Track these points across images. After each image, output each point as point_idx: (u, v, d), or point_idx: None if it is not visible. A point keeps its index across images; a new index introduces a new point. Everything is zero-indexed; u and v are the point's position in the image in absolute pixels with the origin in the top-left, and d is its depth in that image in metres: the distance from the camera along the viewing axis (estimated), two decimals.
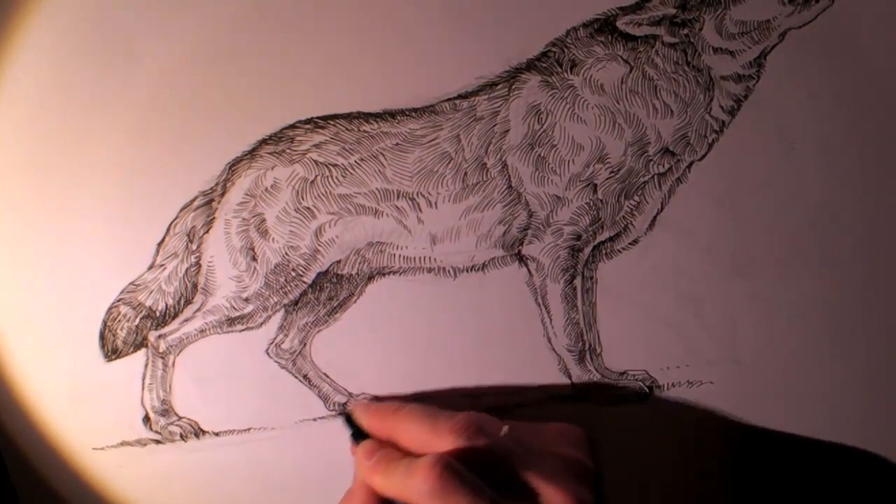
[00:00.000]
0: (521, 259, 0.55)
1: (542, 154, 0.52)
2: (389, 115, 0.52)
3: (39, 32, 0.51)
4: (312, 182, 0.54)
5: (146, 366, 0.58)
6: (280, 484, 0.61)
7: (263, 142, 0.53)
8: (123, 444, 0.60)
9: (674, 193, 0.53)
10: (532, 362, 0.58)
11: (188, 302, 0.57)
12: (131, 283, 0.57)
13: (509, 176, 0.53)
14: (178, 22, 0.51)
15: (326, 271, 0.56)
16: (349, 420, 0.55)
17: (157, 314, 0.58)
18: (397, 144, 0.53)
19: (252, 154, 0.54)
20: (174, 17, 0.51)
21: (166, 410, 0.59)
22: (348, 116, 0.53)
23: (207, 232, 0.55)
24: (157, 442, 0.60)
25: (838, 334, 0.56)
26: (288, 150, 0.53)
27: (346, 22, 0.50)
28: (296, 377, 0.59)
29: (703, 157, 0.53)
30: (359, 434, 0.54)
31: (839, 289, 0.55)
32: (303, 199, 0.54)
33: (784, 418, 0.57)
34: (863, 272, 0.54)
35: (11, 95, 0.52)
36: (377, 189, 0.54)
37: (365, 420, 0.54)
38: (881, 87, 0.51)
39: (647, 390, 0.58)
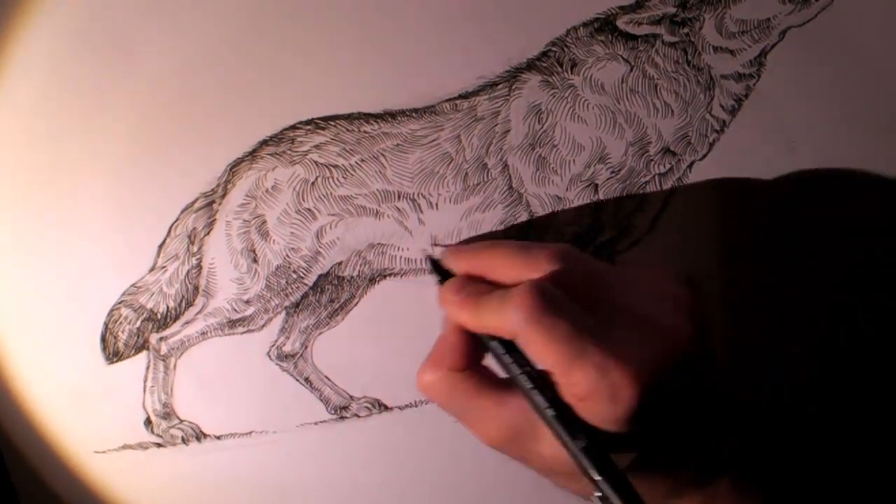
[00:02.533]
0: None
1: (542, 154, 0.52)
2: (390, 116, 0.52)
3: (39, 33, 0.51)
4: (313, 183, 0.54)
5: (147, 368, 0.58)
6: (282, 487, 0.61)
7: (264, 143, 0.53)
8: (125, 447, 0.60)
9: (674, 193, 0.53)
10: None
11: (189, 304, 0.57)
12: (132, 286, 0.57)
13: (510, 176, 0.53)
14: (179, 23, 0.51)
15: (328, 273, 0.56)
16: (436, 266, 0.50)
17: (159, 316, 0.58)
18: (398, 145, 0.53)
19: (253, 155, 0.54)
20: (175, 18, 0.51)
21: (168, 413, 0.59)
22: (349, 117, 0.53)
23: (208, 234, 0.55)
24: (159, 445, 0.60)
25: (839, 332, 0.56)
26: (288, 152, 0.53)
27: (347, 22, 0.51)
28: (297, 380, 0.59)
29: (704, 156, 0.53)
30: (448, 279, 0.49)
31: (840, 286, 0.55)
32: (303, 200, 0.54)
33: (784, 418, 0.57)
34: (863, 270, 0.54)
35: (11, 96, 0.52)
36: (378, 190, 0.54)
37: (454, 262, 0.49)
38: (881, 85, 0.51)
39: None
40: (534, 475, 0.60)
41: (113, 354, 0.58)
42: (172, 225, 0.55)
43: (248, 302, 0.57)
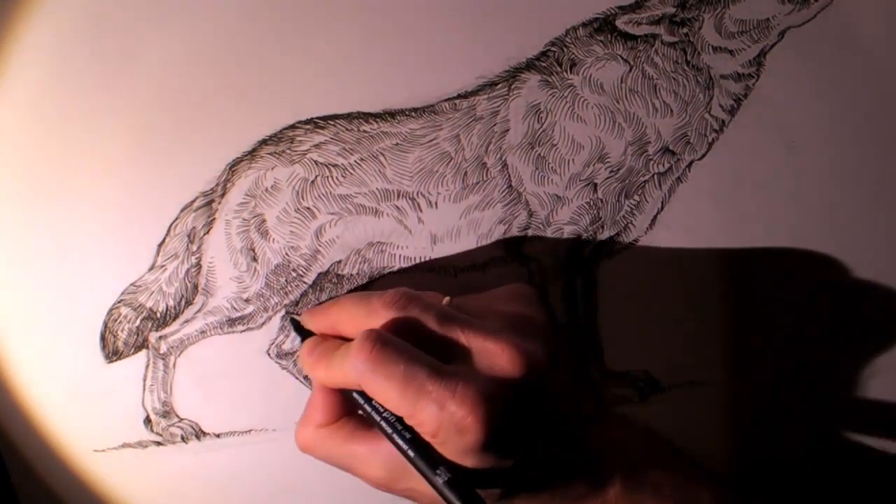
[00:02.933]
0: (522, 259, 0.55)
1: (541, 153, 0.52)
2: (389, 115, 0.52)
3: (39, 32, 0.51)
4: (312, 182, 0.54)
5: (147, 367, 0.58)
6: (281, 485, 0.61)
7: (263, 142, 0.53)
8: (124, 445, 0.60)
9: (674, 193, 0.54)
10: None
11: (189, 303, 0.57)
12: (132, 285, 0.57)
13: (509, 175, 0.53)
14: (178, 22, 0.51)
15: (327, 272, 0.56)
16: (297, 327, 0.53)
17: (158, 315, 0.58)
18: (397, 144, 0.53)
19: (252, 154, 0.54)
20: (174, 18, 0.51)
21: (167, 412, 0.59)
22: (348, 116, 0.53)
23: (208, 233, 0.55)
24: (159, 444, 0.60)
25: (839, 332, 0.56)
26: (288, 151, 0.53)
27: (346, 22, 0.50)
28: (297, 378, 0.59)
29: (704, 156, 0.53)
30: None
31: (839, 287, 0.55)
32: (303, 199, 0.54)
33: (785, 418, 0.57)
34: (863, 271, 0.54)
35: (10, 96, 0.52)
36: (377, 189, 0.54)
37: (310, 322, 0.52)
38: (881, 84, 0.51)
39: (649, 391, 0.58)
40: None
41: (112, 353, 0.58)
42: (172, 224, 0.55)
43: (247, 300, 0.57)
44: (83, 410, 0.59)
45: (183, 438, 0.60)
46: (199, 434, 0.60)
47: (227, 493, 0.61)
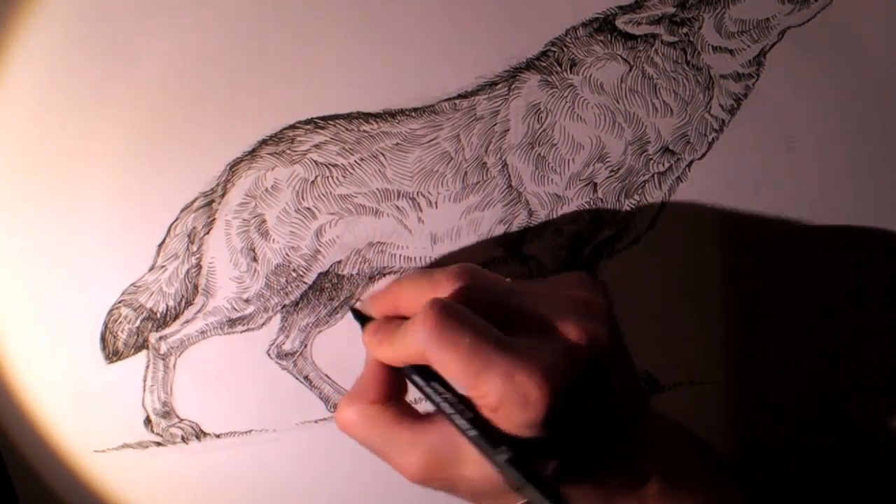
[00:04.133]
0: (522, 258, 0.55)
1: (542, 153, 0.52)
2: (389, 115, 0.52)
3: (38, 33, 0.51)
4: (313, 182, 0.54)
5: (147, 367, 0.58)
6: (281, 486, 0.61)
7: (263, 142, 0.53)
8: (124, 446, 0.60)
9: (674, 192, 0.54)
10: None
11: (189, 303, 0.57)
12: (132, 285, 0.57)
13: (509, 175, 0.53)
14: (178, 22, 0.51)
15: (327, 272, 0.56)
16: (358, 315, 0.52)
17: (158, 316, 0.58)
18: (397, 144, 0.53)
19: (252, 155, 0.54)
20: (174, 18, 0.51)
21: (167, 412, 0.59)
22: (348, 116, 0.53)
23: (208, 233, 0.55)
24: (159, 444, 0.60)
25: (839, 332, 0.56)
26: (288, 151, 0.53)
27: (346, 22, 0.50)
28: (297, 378, 0.59)
29: (703, 155, 0.53)
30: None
31: (840, 286, 0.55)
32: (303, 199, 0.54)
33: (786, 417, 0.57)
34: (863, 270, 0.55)
35: (10, 96, 0.52)
36: (377, 189, 0.54)
37: (371, 308, 0.51)
38: (880, 84, 0.51)
39: (649, 390, 0.58)
40: None
41: (112, 353, 0.58)
42: (172, 224, 0.55)
43: (247, 301, 0.57)
44: (83, 411, 0.59)
45: (183, 439, 0.60)
46: (200, 434, 0.60)
47: (228, 493, 0.61)
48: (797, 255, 0.54)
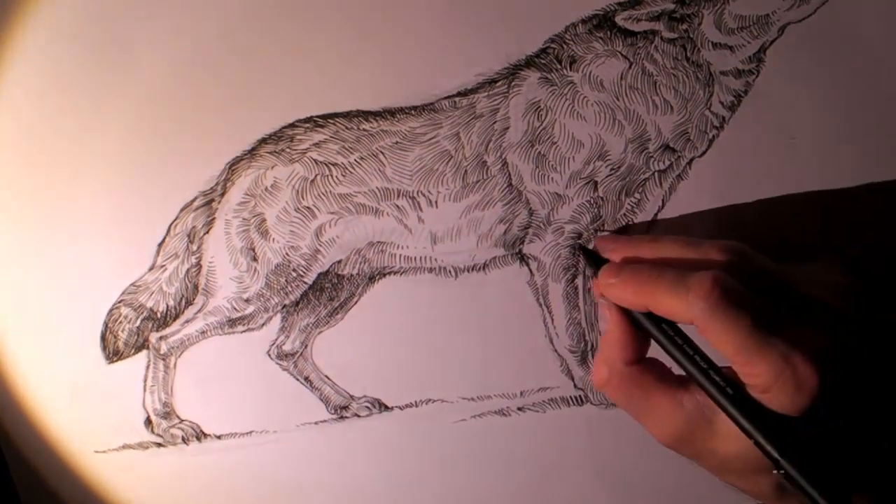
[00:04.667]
0: (523, 258, 0.55)
1: (542, 151, 0.52)
2: (389, 114, 0.52)
3: (37, 32, 0.51)
4: (312, 181, 0.54)
5: (147, 368, 0.58)
6: (282, 487, 0.61)
7: (263, 141, 0.53)
8: (125, 446, 0.60)
9: (674, 190, 0.53)
10: (534, 364, 0.57)
11: (189, 303, 0.57)
12: (132, 284, 0.57)
13: (509, 174, 0.53)
14: (177, 21, 0.51)
15: (327, 272, 0.56)
16: (588, 254, 0.51)
17: (159, 315, 0.58)
18: (397, 143, 0.53)
19: (252, 153, 0.54)
20: (173, 17, 0.51)
21: (168, 413, 0.59)
22: (348, 115, 0.53)
23: (208, 232, 0.55)
24: (159, 445, 0.60)
25: None
26: (287, 150, 0.53)
27: (345, 20, 0.51)
28: (297, 379, 0.59)
29: (704, 153, 0.53)
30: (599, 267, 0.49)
31: None
32: (303, 198, 0.54)
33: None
34: (864, 268, 0.54)
35: (10, 96, 0.53)
36: (377, 188, 0.54)
37: (610, 252, 0.49)
38: (880, 80, 0.51)
39: None
40: (529, 478, 0.60)
41: (113, 353, 0.58)
42: (172, 223, 0.55)
43: (247, 300, 0.57)
44: (84, 411, 0.59)
45: (184, 440, 0.60)
46: (200, 435, 0.60)
47: (228, 494, 0.61)
48: (798, 253, 0.54)
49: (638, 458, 0.59)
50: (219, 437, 0.60)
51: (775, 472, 0.41)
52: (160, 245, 0.56)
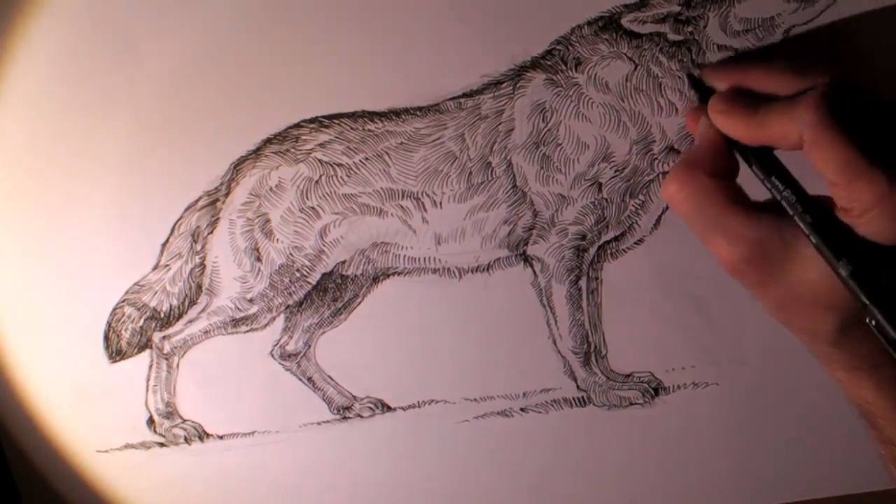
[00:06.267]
0: (526, 259, 0.55)
1: (546, 153, 0.52)
2: (394, 114, 0.52)
3: (43, 32, 0.51)
4: (317, 182, 0.54)
5: (150, 367, 0.58)
6: (284, 487, 0.61)
7: (268, 141, 0.53)
8: (127, 446, 0.60)
9: None
10: (537, 365, 0.58)
11: (192, 303, 0.57)
12: (136, 284, 0.57)
13: (514, 175, 0.53)
14: (182, 21, 0.51)
15: (331, 272, 0.56)
16: (695, 82, 0.49)
17: (162, 315, 0.58)
18: (402, 143, 0.53)
19: (256, 154, 0.54)
20: (178, 16, 0.51)
21: (170, 413, 0.59)
22: (353, 115, 0.53)
23: (212, 232, 0.55)
24: (162, 445, 0.60)
25: None
26: (292, 150, 0.53)
27: (351, 21, 0.51)
28: (300, 379, 0.59)
29: None
30: (706, 96, 0.47)
31: None
32: (307, 198, 0.54)
33: (790, 419, 0.57)
34: None
35: (15, 95, 0.53)
36: (382, 188, 0.54)
37: (718, 79, 0.47)
38: (882, 83, 0.51)
39: (653, 392, 0.58)
40: (531, 479, 0.60)
41: (116, 353, 0.58)
42: (176, 223, 0.55)
43: (251, 301, 0.57)
44: (86, 411, 0.59)
45: (186, 440, 0.60)
46: (202, 435, 0.60)
47: (230, 494, 0.61)
48: None
49: (639, 460, 0.59)
50: (221, 438, 0.60)
51: (861, 300, 0.39)
52: (164, 245, 0.56)
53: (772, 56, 0.49)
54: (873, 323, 0.39)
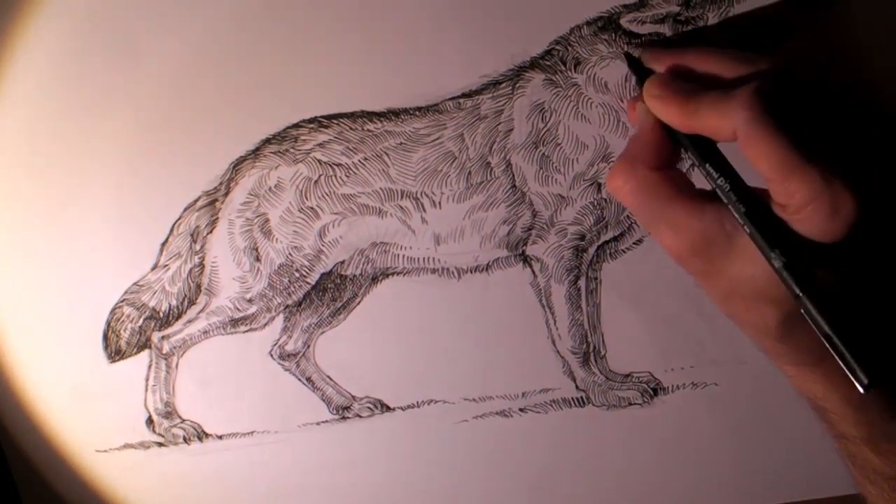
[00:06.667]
0: (525, 260, 0.55)
1: (546, 153, 0.52)
2: (393, 114, 0.52)
3: (42, 32, 0.51)
4: (316, 182, 0.54)
5: (149, 367, 0.58)
6: (283, 487, 0.61)
7: (267, 141, 0.53)
8: (126, 446, 0.60)
9: None
10: (536, 365, 0.58)
11: (192, 303, 0.57)
12: (135, 284, 0.57)
13: (513, 175, 0.53)
14: (182, 21, 0.51)
15: (330, 272, 0.56)
16: (633, 62, 0.48)
17: (161, 315, 0.58)
18: (401, 143, 0.53)
19: (256, 153, 0.54)
20: (177, 16, 0.51)
21: (170, 413, 0.59)
22: (352, 115, 0.53)
23: (211, 232, 0.55)
24: (161, 444, 0.60)
25: None
26: (292, 150, 0.53)
27: (350, 21, 0.51)
28: (299, 379, 0.59)
29: None
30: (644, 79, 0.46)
31: None
32: (306, 198, 0.54)
33: (790, 419, 0.57)
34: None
35: (14, 95, 0.53)
36: (381, 189, 0.54)
37: (656, 61, 0.46)
38: (882, 84, 0.51)
39: (652, 393, 0.58)
40: (531, 479, 0.60)
41: (115, 353, 0.58)
42: (175, 223, 0.55)
43: (250, 300, 0.57)
44: (85, 410, 0.59)
45: (185, 439, 0.60)
46: (202, 435, 0.60)
47: (229, 494, 0.61)
48: None
49: (638, 459, 0.59)
50: (220, 437, 0.60)
51: (795, 292, 0.39)
52: (163, 244, 0.56)
53: (717, 35, 0.48)
54: (808, 315, 0.39)
